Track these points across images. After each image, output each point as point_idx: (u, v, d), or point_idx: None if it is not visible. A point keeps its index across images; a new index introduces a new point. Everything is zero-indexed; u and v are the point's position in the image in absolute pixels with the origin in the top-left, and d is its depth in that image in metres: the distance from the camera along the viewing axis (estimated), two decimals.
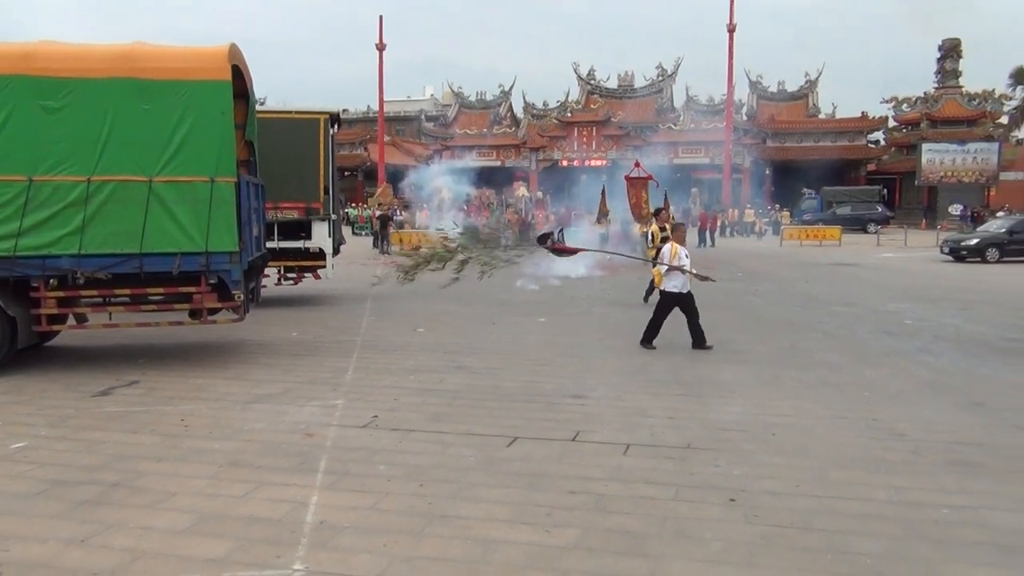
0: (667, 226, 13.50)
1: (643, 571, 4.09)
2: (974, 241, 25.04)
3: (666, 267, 10.04)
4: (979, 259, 24.14)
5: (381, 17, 52.80)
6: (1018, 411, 7.15)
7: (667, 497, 5.10)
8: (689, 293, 10.06)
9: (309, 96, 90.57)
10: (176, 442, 6.29)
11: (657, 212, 23.79)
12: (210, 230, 8.67)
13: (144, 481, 5.40)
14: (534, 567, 4.12)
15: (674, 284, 10.05)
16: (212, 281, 8.89)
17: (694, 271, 10.22)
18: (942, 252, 25.63)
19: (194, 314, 9.21)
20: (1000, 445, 6.16)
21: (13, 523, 4.70)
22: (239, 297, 9.05)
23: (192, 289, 8.89)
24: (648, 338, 10.18)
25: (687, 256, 10.14)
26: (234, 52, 9.25)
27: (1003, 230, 25.37)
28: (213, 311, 9.17)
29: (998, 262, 23.99)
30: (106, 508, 4.93)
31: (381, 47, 53.01)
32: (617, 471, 5.59)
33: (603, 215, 28.89)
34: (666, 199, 25.87)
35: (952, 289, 17.18)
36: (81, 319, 9.57)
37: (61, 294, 8.68)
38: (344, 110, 74.05)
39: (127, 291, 8.90)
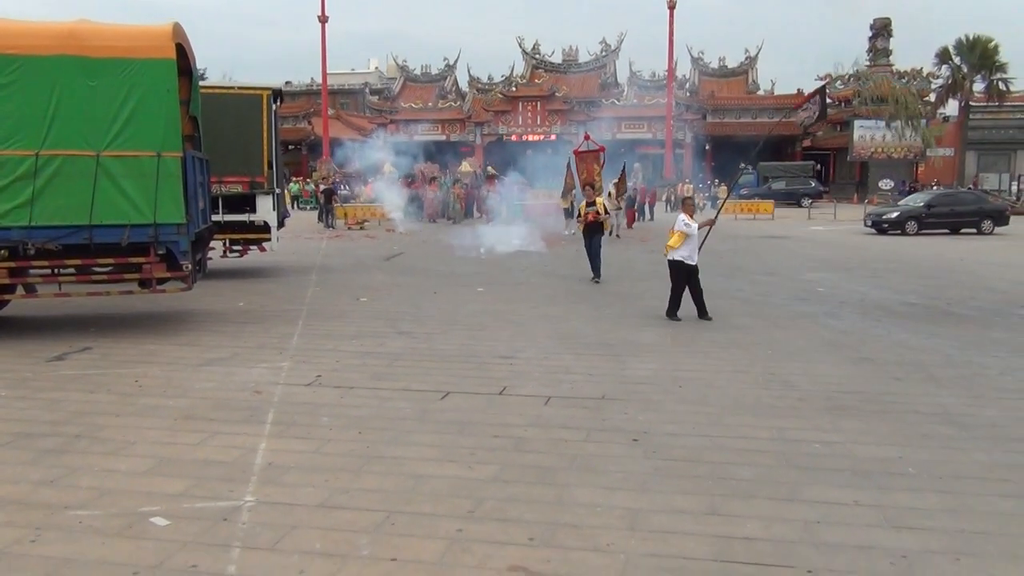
0: (596, 200, 14.31)
1: (551, 497, 4.75)
2: (895, 214, 26.31)
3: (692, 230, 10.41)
4: (899, 231, 25.40)
5: None
6: (899, 365, 8.00)
7: (579, 439, 5.77)
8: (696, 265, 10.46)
9: (251, 68, 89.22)
10: (132, 400, 6.77)
11: (619, 183, 24.46)
12: (157, 203, 9.06)
13: (104, 433, 5.89)
14: (457, 495, 4.75)
15: (681, 254, 10.39)
16: (160, 252, 9.30)
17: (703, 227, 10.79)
18: (866, 225, 26.88)
19: (143, 284, 9.60)
20: (877, 393, 6.98)
21: None
22: (187, 267, 9.47)
23: (141, 260, 9.30)
24: (673, 310, 10.52)
25: (686, 224, 10.46)
26: (178, 31, 9.59)
27: (921, 204, 26.70)
28: (162, 281, 9.58)
29: (917, 234, 25.29)
30: (70, 456, 5.43)
31: (324, 19, 52.51)
32: (537, 419, 6.25)
33: (569, 191, 27.02)
34: (623, 171, 26.25)
35: (868, 259, 18.26)
36: (30, 288, 9.88)
37: (12, 264, 9.01)
38: (287, 83, 73.29)
39: (77, 261, 9.25)
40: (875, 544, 4.11)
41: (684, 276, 10.44)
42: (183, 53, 9.88)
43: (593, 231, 14.08)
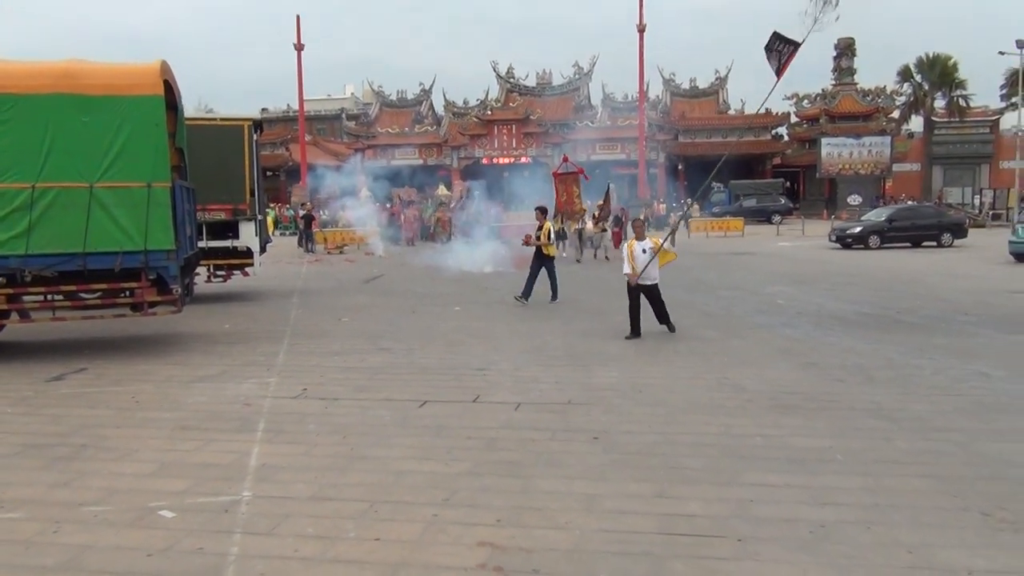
0: (544, 225, 14.50)
1: (517, 487, 5.31)
2: (858, 229, 27.23)
3: (628, 266, 10.78)
4: (863, 246, 26.29)
5: (298, 17, 53.11)
6: (843, 368, 8.66)
7: (544, 439, 6.35)
8: (655, 285, 10.82)
9: (227, 95, 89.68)
10: (130, 414, 7.28)
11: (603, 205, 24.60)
12: (148, 230, 9.59)
13: (108, 442, 6.40)
14: (433, 487, 5.30)
15: (653, 276, 10.78)
16: (151, 277, 9.81)
17: (664, 245, 11.08)
18: (830, 240, 27.76)
19: (135, 307, 10.10)
20: (819, 393, 7.62)
21: (2, 475, 5.66)
22: (176, 291, 9.99)
23: (133, 284, 9.80)
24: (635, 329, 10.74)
25: (645, 250, 10.76)
26: (165, 68, 10.16)
27: (883, 218, 27.65)
28: (153, 304, 10.07)
29: (879, 248, 26.19)
30: (79, 462, 5.93)
31: (299, 47, 53.26)
32: (507, 422, 6.83)
33: (558, 212, 25.02)
34: (607, 192, 26.33)
35: (829, 273, 19.04)
36: (24, 314, 10.34)
37: (10, 291, 9.49)
38: (264, 109, 73.87)
39: (72, 287, 9.74)
40: (799, 517, 4.71)
41: (643, 295, 10.83)
42: (169, 89, 10.43)
43: (538, 255, 14.37)
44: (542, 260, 14.33)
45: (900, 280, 17.39)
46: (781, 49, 10.97)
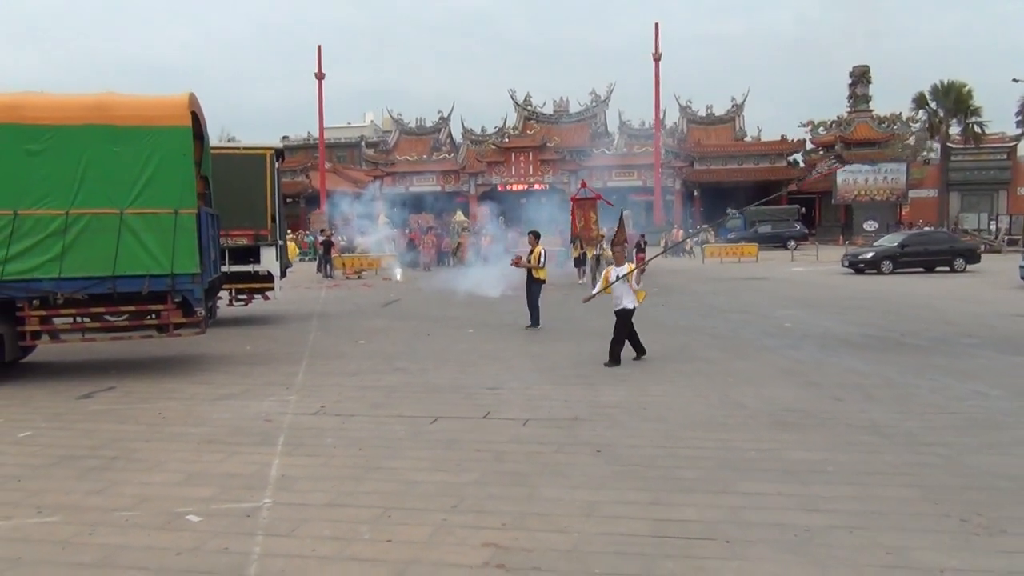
0: (535, 249, 14.78)
1: (523, 495, 5.63)
2: (870, 255, 27.41)
3: (597, 289, 11.12)
4: (875, 271, 26.46)
5: (320, 47, 54.22)
6: (843, 388, 8.92)
7: (550, 451, 6.66)
8: (634, 309, 10.80)
9: (248, 123, 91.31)
10: (158, 429, 7.66)
11: (618, 231, 24.33)
12: (175, 255, 10.03)
13: (137, 455, 6.77)
14: (444, 495, 5.63)
15: (624, 302, 10.75)
16: (177, 300, 10.24)
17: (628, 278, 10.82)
18: (843, 266, 27.94)
19: (161, 328, 10.51)
20: (816, 411, 7.89)
21: (40, 483, 6.04)
22: (201, 313, 10.42)
23: (160, 306, 10.23)
24: (614, 356, 10.62)
25: (618, 275, 10.83)
26: (192, 101, 10.65)
27: (895, 244, 27.82)
28: (178, 326, 10.48)
29: (892, 273, 26.34)
30: (111, 472, 6.31)
31: (320, 76, 54.35)
32: (516, 437, 7.15)
33: (576, 237, 24.80)
34: (621, 219, 26.34)
35: (838, 297, 19.25)
36: (55, 335, 10.77)
37: (43, 313, 9.95)
38: (284, 137, 75.07)
39: (101, 309, 10.19)
40: (787, 522, 5.00)
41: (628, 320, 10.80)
42: (196, 119, 10.92)
43: (530, 281, 14.75)
44: (531, 284, 14.73)
45: (908, 304, 17.59)
46: None
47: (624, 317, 10.79)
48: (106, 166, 9.94)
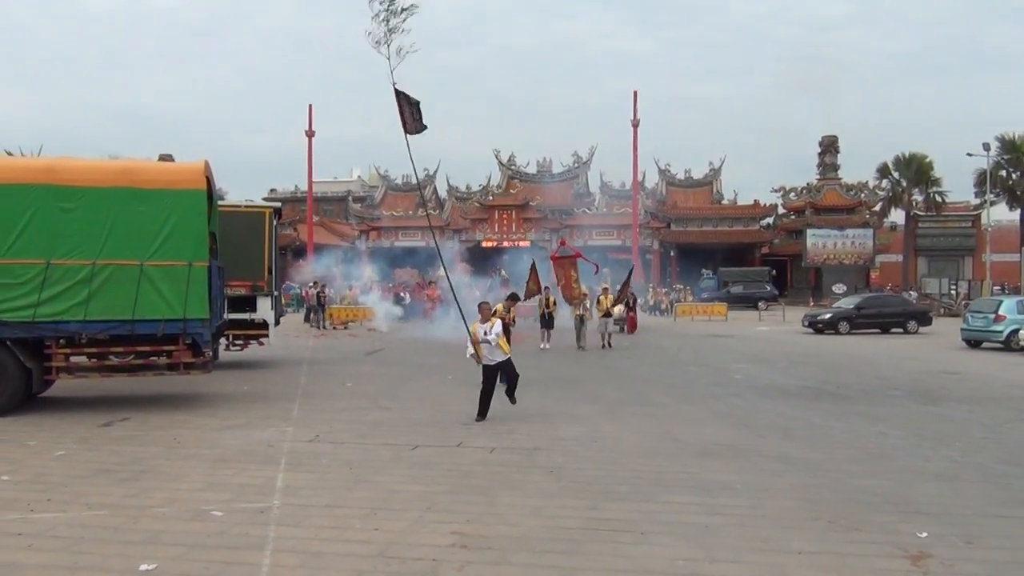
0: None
1: (484, 501, 6.92)
2: (827, 316, 29.03)
3: (470, 347, 11.01)
4: (833, 331, 28.04)
5: (311, 106, 56.09)
6: (770, 427, 10.29)
7: (510, 472, 7.97)
8: (507, 361, 11.08)
9: (236, 173, 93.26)
10: (174, 451, 8.90)
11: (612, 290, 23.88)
12: (187, 302, 11.34)
13: (161, 470, 8.01)
14: (420, 500, 6.91)
15: (489, 358, 10.97)
16: (188, 342, 11.53)
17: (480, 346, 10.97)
18: (803, 326, 29.53)
19: (172, 367, 11.76)
20: (740, 445, 9.25)
21: (84, 488, 7.28)
22: (208, 354, 11.70)
23: (172, 347, 11.51)
24: (482, 411, 10.87)
25: (487, 332, 10.94)
26: (207, 167, 12.08)
27: (852, 306, 29.47)
28: (187, 365, 11.74)
29: (848, 333, 27.92)
30: (141, 481, 7.55)
31: (311, 134, 56.07)
32: (482, 461, 8.45)
33: (531, 295, 24.05)
34: (628, 278, 25.82)
35: (791, 354, 20.74)
36: (75, 371, 11.97)
37: (68, 351, 11.21)
38: (272, 190, 76.73)
39: (120, 348, 11.46)
40: (692, 521, 6.32)
41: (494, 376, 11.04)
42: (208, 183, 12.35)
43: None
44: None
45: (852, 361, 19.09)
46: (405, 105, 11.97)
47: (508, 366, 11.10)
48: (130, 223, 11.30)
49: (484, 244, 60.46)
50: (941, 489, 7.41)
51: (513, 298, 16.49)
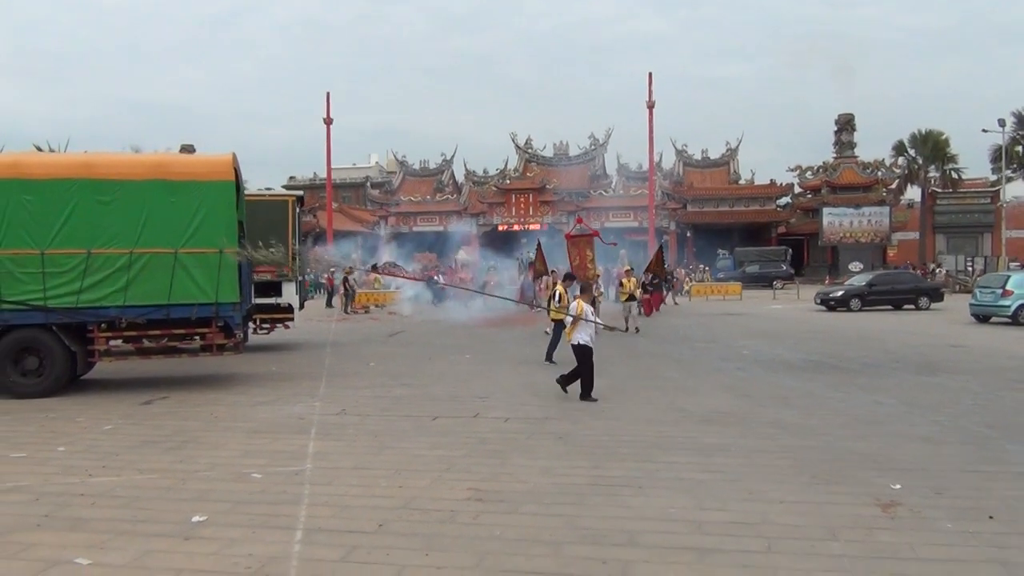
0: (561, 287, 14.94)
1: (498, 463, 7.57)
2: (840, 293, 29.44)
3: (571, 319, 11.31)
4: (845, 308, 28.45)
5: (328, 94, 56.63)
6: (771, 398, 10.87)
7: (523, 438, 8.61)
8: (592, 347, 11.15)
9: (256, 163, 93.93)
10: (212, 424, 9.62)
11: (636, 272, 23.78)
12: (219, 287, 12.04)
13: (202, 440, 8.73)
14: (440, 462, 7.57)
15: (582, 338, 11.22)
16: (220, 325, 12.24)
17: (601, 323, 11.82)
18: (816, 303, 29.95)
19: (205, 349, 12.49)
20: (740, 413, 9.84)
21: (134, 456, 8.00)
22: (239, 336, 12.41)
23: (205, 330, 12.24)
24: (587, 391, 10.98)
25: (592, 313, 11.59)
26: (234, 159, 12.74)
27: (864, 283, 29.85)
28: (220, 347, 12.46)
29: (860, 310, 28.33)
30: (185, 450, 8.26)
31: (328, 121, 56.61)
32: (497, 429, 9.10)
33: (539, 276, 24.16)
34: (660, 253, 26.32)
35: (800, 331, 21.24)
36: (116, 354, 12.72)
37: (109, 334, 11.97)
38: (291, 177, 77.55)
39: (157, 332, 12.20)
40: (686, 477, 6.95)
41: (589, 355, 11.17)
42: (236, 174, 13.02)
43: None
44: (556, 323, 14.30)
45: (859, 336, 19.58)
46: None
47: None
48: (163, 213, 11.98)
49: (500, 228, 61.04)
50: (923, 449, 7.98)
51: (570, 278, 15.59)
